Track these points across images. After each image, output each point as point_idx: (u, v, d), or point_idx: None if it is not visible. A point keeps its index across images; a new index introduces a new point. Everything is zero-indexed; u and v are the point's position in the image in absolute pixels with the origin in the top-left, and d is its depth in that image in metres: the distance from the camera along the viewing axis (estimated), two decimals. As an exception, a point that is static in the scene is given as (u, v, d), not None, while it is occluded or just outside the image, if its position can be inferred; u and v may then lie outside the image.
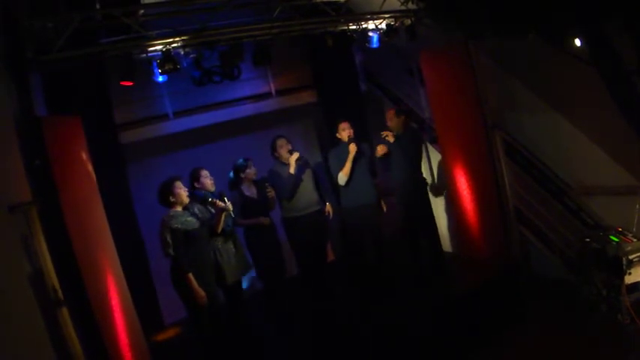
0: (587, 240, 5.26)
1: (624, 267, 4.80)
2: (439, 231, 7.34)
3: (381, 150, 6.26)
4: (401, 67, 8.03)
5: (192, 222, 5.05)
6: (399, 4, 6.25)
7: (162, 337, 6.82)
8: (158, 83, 6.31)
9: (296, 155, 6.09)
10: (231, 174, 6.21)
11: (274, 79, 8.08)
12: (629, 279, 4.83)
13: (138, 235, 6.89)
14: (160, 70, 5.32)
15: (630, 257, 4.83)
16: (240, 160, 6.15)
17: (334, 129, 6.39)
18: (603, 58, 4.60)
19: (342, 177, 6.19)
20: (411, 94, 7.96)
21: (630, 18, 4.18)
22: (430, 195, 7.48)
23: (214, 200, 5.20)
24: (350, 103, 8.11)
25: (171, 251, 4.89)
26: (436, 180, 8.00)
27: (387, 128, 6.49)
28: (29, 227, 4.11)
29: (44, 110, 5.95)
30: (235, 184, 6.17)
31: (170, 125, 7.33)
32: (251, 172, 6.16)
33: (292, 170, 6.04)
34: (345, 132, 6.22)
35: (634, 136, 4.79)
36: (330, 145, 7.10)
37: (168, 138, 7.31)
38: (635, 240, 4.93)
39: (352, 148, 6.07)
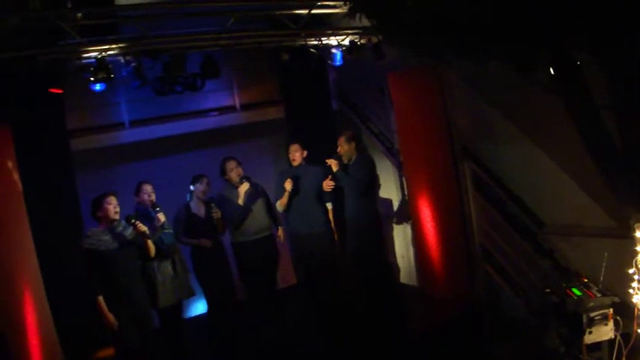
0: (547, 290, 4.78)
1: (584, 325, 4.30)
2: (405, 262, 6.93)
3: (328, 186, 5.90)
4: (373, 86, 7.57)
5: (107, 241, 4.74)
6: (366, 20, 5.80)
7: (104, 353, 6.40)
8: (116, 89, 6.06)
9: (245, 186, 5.76)
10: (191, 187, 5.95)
11: (240, 92, 7.70)
12: (589, 338, 4.30)
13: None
14: (92, 79, 4.94)
15: (592, 315, 4.29)
16: (195, 175, 5.89)
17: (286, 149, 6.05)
18: (569, 90, 4.12)
19: (279, 206, 5.98)
20: (382, 116, 7.54)
21: (596, 44, 3.69)
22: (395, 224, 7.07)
23: (136, 222, 4.80)
24: (320, 121, 7.71)
25: None
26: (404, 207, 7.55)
27: (336, 155, 6.07)
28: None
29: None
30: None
31: (126, 134, 6.97)
32: (200, 188, 5.89)
33: (241, 201, 5.72)
34: (290, 155, 5.95)
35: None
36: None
37: (123, 148, 6.95)
38: (598, 295, 4.36)
39: (287, 185, 5.79)
